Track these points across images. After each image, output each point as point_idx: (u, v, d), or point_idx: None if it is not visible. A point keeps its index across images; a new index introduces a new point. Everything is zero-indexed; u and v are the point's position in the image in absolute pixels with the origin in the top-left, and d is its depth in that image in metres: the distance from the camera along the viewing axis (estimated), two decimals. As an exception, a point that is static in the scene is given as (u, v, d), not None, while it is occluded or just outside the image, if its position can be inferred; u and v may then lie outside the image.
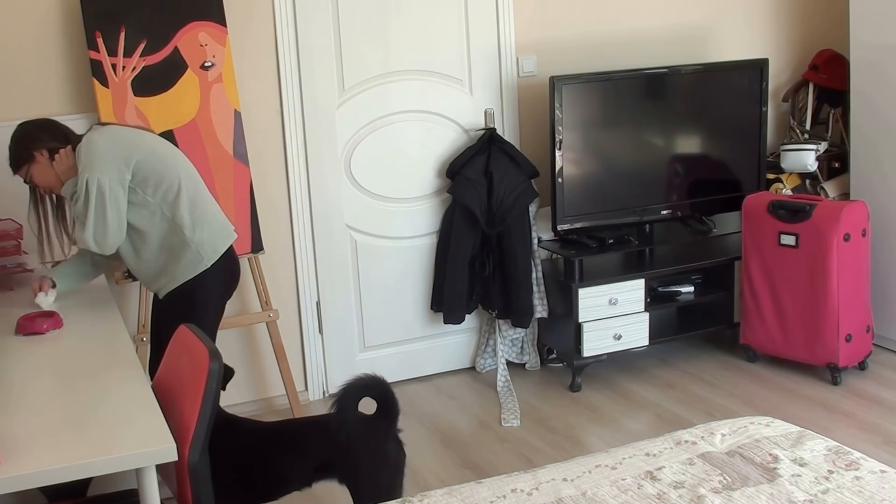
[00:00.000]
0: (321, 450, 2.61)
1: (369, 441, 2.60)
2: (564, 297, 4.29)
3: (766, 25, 4.96)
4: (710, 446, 2.47)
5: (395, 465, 2.65)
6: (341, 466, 2.60)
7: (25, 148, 3.03)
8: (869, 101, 4.45)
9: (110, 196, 2.90)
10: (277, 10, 4.03)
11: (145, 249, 3.02)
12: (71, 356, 2.64)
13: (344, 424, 2.53)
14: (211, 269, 3.06)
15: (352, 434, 2.54)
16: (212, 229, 3.09)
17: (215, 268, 3.08)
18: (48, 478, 1.97)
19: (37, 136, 3.05)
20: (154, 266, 3.05)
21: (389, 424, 2.64)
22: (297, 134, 4.15)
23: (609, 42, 4.60)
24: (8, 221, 3.49)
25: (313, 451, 2.62)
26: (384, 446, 2.63)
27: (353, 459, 2.58)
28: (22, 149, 3.03)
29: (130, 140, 3.01)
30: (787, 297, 4.22)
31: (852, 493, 2.18)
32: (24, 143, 3.04)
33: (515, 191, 4.24)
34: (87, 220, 2.92)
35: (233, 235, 3.19)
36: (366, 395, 2.59)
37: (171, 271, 3.04)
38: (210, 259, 3.06)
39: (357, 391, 2.55)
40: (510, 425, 3.98)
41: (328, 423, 2.59)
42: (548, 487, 2.29)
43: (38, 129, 3.07)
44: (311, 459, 2.62)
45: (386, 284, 4.41)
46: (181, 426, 2.20)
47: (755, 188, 4.61)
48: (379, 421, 2.64)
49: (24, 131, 3.07)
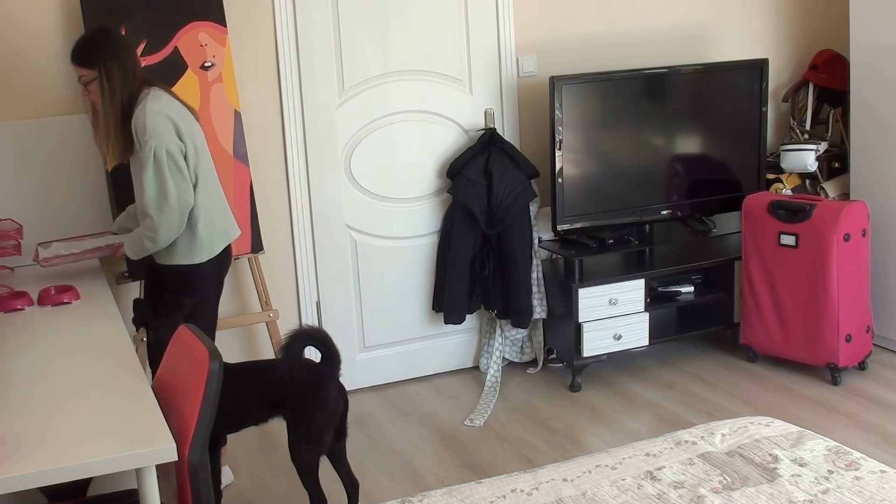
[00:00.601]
0: (272, 388, 2.97)
1: (311, 382, 2.91)
2: (564, 297, 4.29)
3: (766, 25, 4.96)
4: (710, 446, 2.47)
5: (331, 410, 2.95)
6: (286, 404, 2.93)
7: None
8: (869, 101, 4.45)
9: (171, 162, 3.00)
10: (277, 10, 4.03)
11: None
12: (71, 356, 2.64)
13: (287, 364, 2.84)
14: (204, 263, 3.18)
15: (295, 374, 2.86)
16: (214, 228, 3.18)
17: (208, 263, 3.20)
18: (48, 478, 1.97)
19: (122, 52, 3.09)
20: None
21: (331, 370, 2.92)
22: (296, 134, 4.15)
23: (609, 42, 4.60)
24: (8, 221, 3.49)
25: (265, 390, 2.99)
26: (325, 388, 2.93)
27: (294, 397, 2.91)
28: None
29: (182, 117, 3.11)
30: (787, 297, 4.22)
31: (852, 493, 2.18)
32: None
33: (515, 191, 4.24)
34: (147, 185, 3.00)
35: (232, 235, 3.31)
36: (309, 343, 2.90)
37: (171, 247, 3.14)
38: (206, 255, 3.18)
39: (301, 339, 2.86)
40: (472, 425, 3.98)
41: (277, 365, 2.97)
42: (548, 487, 2.29)
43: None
44: (264, 397, 2.98)
45: (386, 284, 4.41)
46: (181, 426, 2.20)
47: (755, 188, 4.61)
48: (322, 367, 2.93)
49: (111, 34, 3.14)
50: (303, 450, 2.92)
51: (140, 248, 3.13)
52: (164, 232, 3.04)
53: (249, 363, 3.72)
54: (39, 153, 3.67)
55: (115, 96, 3.03)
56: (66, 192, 3.71)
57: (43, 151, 3.68)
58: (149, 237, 3.07)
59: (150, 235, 3.06)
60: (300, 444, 2.92)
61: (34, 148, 3.66)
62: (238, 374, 2.98)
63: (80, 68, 3.07)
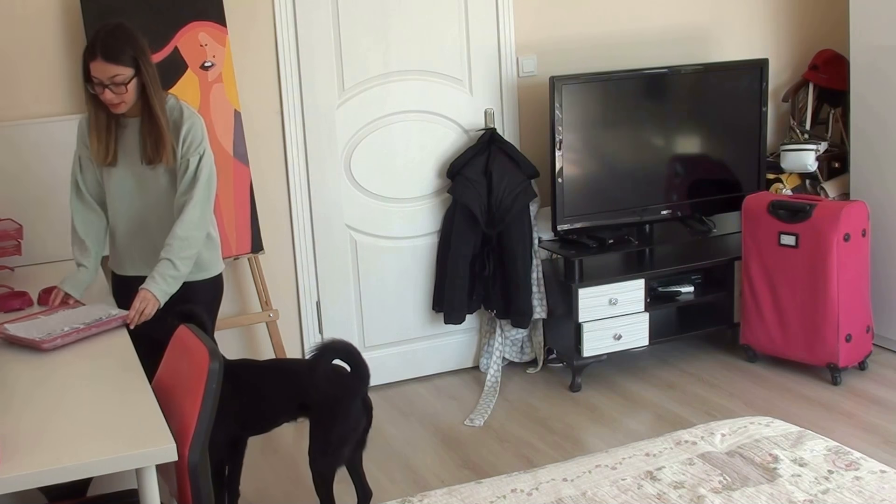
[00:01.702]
0: (299, 391, 2.97)
1: (338, 394, 2.92)
2: (564, 297, 4.29)
3: (766, 25, 4.96)
4: (710, 446, 2.47)
5: (353, 424, 2.95)
6: (313, 406, 2.94)
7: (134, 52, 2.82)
8: (869, 101, 4.45)
9: (213, 175, 2.90)
10: (277, 10, 4.03)
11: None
12: (70, 356, 2.64)
13: (318, 372, 2.86)
14: (214, 278, 3.10)
15: (323, 384, 2.88)
16: (219, 235, 3.13)
17: (216, 279, 3.11)
18: (48, 478, 1.97)
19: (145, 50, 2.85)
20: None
21: (360, 384, 2.93)
22: (296, 134, 4.15)
23: (609, 42, 4.60)
24: (8, 221, 3.49)
25: (292, 391, 2.99)
26: (351, 401, 2.93)
27: (320, 406, 2.92)
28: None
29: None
30: (787, 297, 4.22)
31: (852, 494, 2.18)
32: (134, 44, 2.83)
33: (515, 191, 4.24)
34: (199, 200, 2.85)
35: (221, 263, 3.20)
36: (339, 357, 2.91)
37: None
38: (217, 269, 3.11)
39: (333, 350, 2.89)
40: (472, 425, 3.98)
41: (307, 370, 2.96)
42: (548, 487, 2.29)
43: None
44: (291, 398, 2.98)
45: (386, 284, 4.41)
46: (181, 426, 2.20)
47: (755, 188, 4.61)
48: (351, 379, 2.94)
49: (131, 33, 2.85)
50: (320, 459, 2.93)
51: (176, 280, 2.86)
52: (199, 246, 2.90)
53: (277, 361, 3.73)
54: (40, 153, 3.67)
55: (160, 95, 2.85)
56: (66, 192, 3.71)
57: (43, 152, 3.68)
58: (185, 259, 2.86)
59: (187, 256, 2.86)
60: (318, 453, 2.93)
61: (34, 148, 3.66)
62: (266, 371, 3.09)
63: (115, 65, 2.77)
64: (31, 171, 3.66)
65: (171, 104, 2.93)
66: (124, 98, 2.81)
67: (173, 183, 2.94)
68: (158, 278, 2.83)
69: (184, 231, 2.85)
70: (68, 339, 2.66)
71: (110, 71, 2.76)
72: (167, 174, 2.94)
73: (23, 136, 3.66)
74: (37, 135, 3.67)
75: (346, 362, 2.93)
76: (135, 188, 2.98)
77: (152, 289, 2.82)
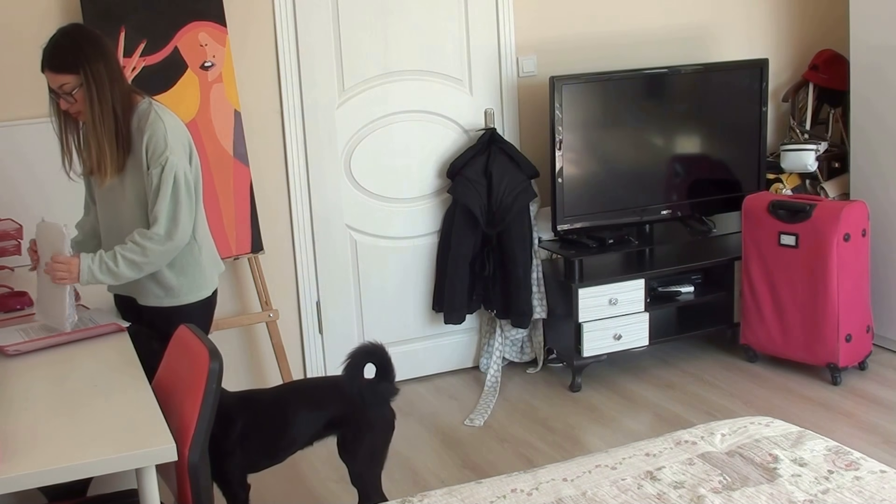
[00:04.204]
0: (335, 406, 2.86)
1: (376, 402, 2.85)
2: (564, 297, 4.29)
3: (766, 25, 4.96)
4: (710, 446, 2.47)
5: (390, 427, 2.92)
6: (350, 422, 2.84)
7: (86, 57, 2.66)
8: (869, 101, 4.45)
9: (187, 188, 2.68)
10: (277, 10, 4.03)
11: None
12: (70, 356, 2.64)
13: (356, 385, 2.78)
14: (211, 295, 2.93)
15: (364, 395, 2.80)
16: (213, 259, 2.95)
17: (213, 295, 2.94)
18: (48, 478, 1.97)
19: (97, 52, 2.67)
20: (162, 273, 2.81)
21: (391, 386, 2.87)
22: (296, 134, 4.15)
23: (609, 42, 4.60)
24: (8, 221, 3.49)
25: (327, 407, 2.87)
26: (388, 406, 2.89)
27: (359, 419, 2.84)
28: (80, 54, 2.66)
29: (189, 136, 2.79)
30: (787, 297, 4.22)
31: (852, 494, 2.18)
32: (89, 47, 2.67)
33: (515, 191, 4.24)
34: (166, 215, 2.65)
35: (221, 269, 3.01)
36: (369, 360, 2.83)
37: (176, 286, 2.83)
38: (210, 287, 2.92)
39: (363, 356, 2.81)
40: (472, 425, 3.98)
41: (340, 382, 2.82)
42: (548, 487, 2.29)
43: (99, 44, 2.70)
44: (325, 414, 2.86)
45: (386, 284, 4.41)
46: (181, 426, 2.20)
47: (755, 188, 4.61)
48: (381, 384, 2.86)
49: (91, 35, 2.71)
50: (370, 466, 2.86)
51: (111, 274, 2.67)
52: (155, 263, 2.70)
53: (293, 384, 3.47)
54: (40, 154, 3.67)
55: (105, 103, 2.65)
56: (65, 192, 3.70)
57: (43, 152, 3.67)
58: (130, 263, 2.66)
59: (137, 261, 2.66)
60: (367, 461, 2.86)
61: (34, 148, 3.66)
62: (285, 396, 2.96)
63: (60, 75, 2.65)
64: (31, 171, 3.66)
65: (142, 109, 2.73)
66: (77, 106, 2.70)
67: (142, 198, 2.74)
68: (97, 259, 2.68)
69: (143, 239, 2.68)
70: (37, 344, 2.65)
71: (57, 80, 2.67)
72: (133, 188, 2.74)
73: (23, 136, 3.66)
74: (37, 135, 3.66)
75: (375, 365, 2.84)
76: (109, 201, 2.84)
77: (85, 263, 2.66)
